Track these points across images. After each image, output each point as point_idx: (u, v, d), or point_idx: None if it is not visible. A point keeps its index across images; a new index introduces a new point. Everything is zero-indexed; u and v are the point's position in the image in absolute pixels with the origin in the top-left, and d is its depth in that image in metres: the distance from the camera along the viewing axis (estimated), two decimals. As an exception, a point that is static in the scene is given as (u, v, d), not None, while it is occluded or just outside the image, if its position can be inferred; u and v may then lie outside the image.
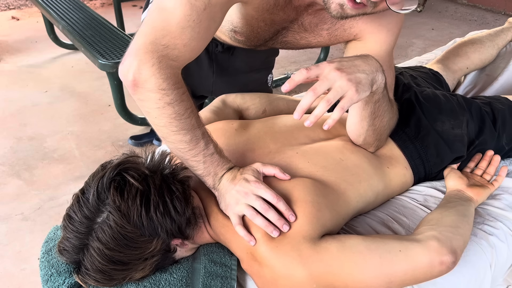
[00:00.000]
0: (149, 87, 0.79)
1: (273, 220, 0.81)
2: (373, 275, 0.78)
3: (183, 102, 0.82)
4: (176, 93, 0.81)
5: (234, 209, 0.85)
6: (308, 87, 0.81)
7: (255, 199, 0.83)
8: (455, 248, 0.81)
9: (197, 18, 0.79)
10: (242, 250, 0.85)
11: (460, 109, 1.16)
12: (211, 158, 0.86)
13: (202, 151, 0.85)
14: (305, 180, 0.89)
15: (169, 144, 0.86)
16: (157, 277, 0.86)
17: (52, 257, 0.93)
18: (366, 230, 0.98)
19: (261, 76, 1.48)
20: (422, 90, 1.20)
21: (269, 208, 0.82)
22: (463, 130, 1.13)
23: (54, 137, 2.52)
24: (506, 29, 1.66)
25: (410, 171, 1.09)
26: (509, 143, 1.19)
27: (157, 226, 0.81)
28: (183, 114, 0.82)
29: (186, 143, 0.84)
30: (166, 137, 0.84)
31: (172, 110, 0.81)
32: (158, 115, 0.82)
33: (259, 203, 0.83)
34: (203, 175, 0.88)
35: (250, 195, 0.84)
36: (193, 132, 0.84)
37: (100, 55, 2.20)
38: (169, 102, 0.80)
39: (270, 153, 0.98)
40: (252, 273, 0.85)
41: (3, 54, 3.55)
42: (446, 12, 4.56)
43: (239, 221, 0.84)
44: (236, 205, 0.84)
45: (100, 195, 0.80)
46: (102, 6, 4.69)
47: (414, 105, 1.14)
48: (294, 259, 0.78)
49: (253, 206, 0.83)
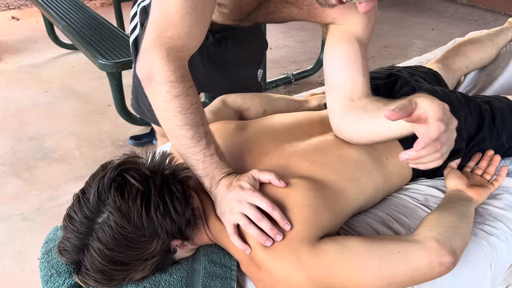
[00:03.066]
0: (159, 80, 0.83)
1: (266, 230, 0.80)
2: (373, 276, 0.78)
3: (189, 97, 0.84)
4: (183, 86, 0.84)
5: (229, 218, 0.84)
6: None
7: (248, 207, 0.82)
8: (455, 249, 0.81)
9: (192, 4, 0.83)
10: (240, 254, 0.85)
11: (458, 104, 1.15)
12: (211, 159, 0.87)
13: (202, 150, 0.86)
14: (303, 183, 0.88)
15: (173, 139, 0.88)
16: (157, 278, 0.86)
17: (52, 258, 0.93)
18: (366, 229, 0.98)
19: (251, 70, 1.49)
20: (421, 85, 1.20)
21: (262, 218, 0.81)
22: (461, 124, 1.12)
23: (54, 137, 2.52)
24: (506, 29, 1.66)
25: None
26: (509, 140, 1.19)
27: (157, 227, 0.81)
28: (188, 108, 0.84)
29: (188, 139, 0.85)
30: (171, 131, 0.86)
31: (178, 103, 0.83)
32: (165, 108, 0.84)
33: (253, 212, 0.81)
34: (201, 176, 0.88)
35: (243, 203, 0.82)
36: (196, 129, 0.85)
37: (100, 55, 2.20)
38: (176, 95, 0.83)
39: (269, 152, 0.98)
40: (251, 276, 0.85)
41: (3, 54, 3.55)
42: (446, 12, 4.56)
43: (234, 230, 0.83)
44: (230, 213, 0.84)
45: (100, 195, 0.80)
46: (102, 6, 4.69)
47: None
48: (293, 263, 0.78)
49: (247, 214, 0.82)
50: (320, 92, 1.49)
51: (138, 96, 1.48)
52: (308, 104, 1.27)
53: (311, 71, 3.25)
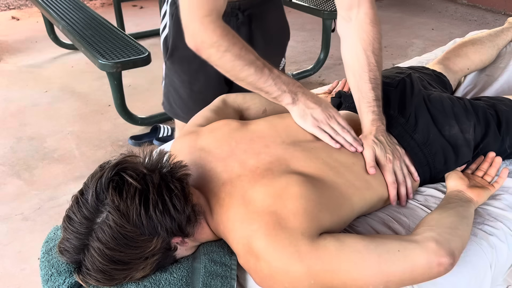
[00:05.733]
0: (205, 46, 1.00)
1: (350, 141, 1.01)
2: (371, 273, 0.78)
3: (236, 45, 0.99)
4: (227, 40, 0.99)
5: (321, 125, 1.02)
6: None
7: (337, 124, 1.03)
8: (453, 249, 0.82)
9: None
10: (239, 243, 0.85)
11: (467, 114, 1.15)
12: (280, 78, 1.02)
13: (269, 75, 1.01)
14: (315, 179, 0.90)
15: (242, 83, 1.04)
16: (157, 277, 0.86)
17: (52, 257, 0.93)
18: (366, 229, 0.98)
19: (276, 55, 1.52)
20: (430, 93, 1.19)
21: (348, 131, 1.03)
22: (471, 135, 1.12)
23: (54, 137, 2.52)
24: (506, 29, 1.66)
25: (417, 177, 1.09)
26: (511, 145, 1.19)
27: (156, 225, 0.81)
28: (239, 53, 0.99)
29: (253, 75, 1.00)
30: (237, 77, 1.03)
31: (230, 54, 0.99)
32: (222, 64, 1.01)
33: (340, 127, 1.02)
34: (279, 96, 1.03)
35: (333, 120, 1.03)
36: (254, 64, 1.00)
37: (100, 55, 2.20)
38: (224, 50, 0.99)
39: (283, 143, 1.00)
40: (249, 268, 0.84)
41: (3, 54, 3.55)
42: (446, 12, 4.56)
43: (320, 132, 1.02)
44: (322, 123, 1.02)
45: (99, 195, 0.80)
46: (102, 6, 4.69)
47: (423, 109, 1.13)
48: (292, 254, 0.78)
49: (335, 128, 1.02)
50: (321, 92, 1.49)
51: (170, 96, 1.50)
52: None
53: (311, 71, 3.25)
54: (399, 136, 1.10)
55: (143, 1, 4.67)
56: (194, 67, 1.39)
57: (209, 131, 1.04)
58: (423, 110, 1.13)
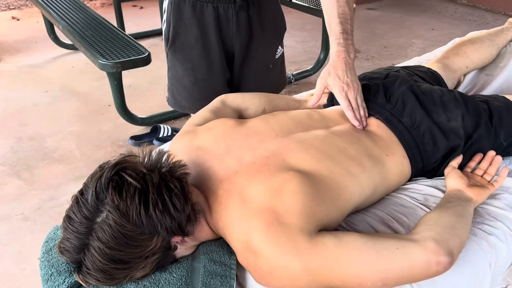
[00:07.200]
0: None
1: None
2: (370, 270, 0.78)
3: None
4: None
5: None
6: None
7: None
8: (452, 249, 0.82)
9: None
10: (238, 240, 0.85)
11: (456, 103, 1.16)
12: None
13: None
14: (310, 173, 0.90)
15: None
16: (156, 276, 0.86)
17: (52, 257, 0.93)
18: (366, 229, 0.98)
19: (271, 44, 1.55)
20: (419, 85, 1.21)
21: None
22: (458, 123, 1.13)
23: (54, 137, 2.52)
24: (506, 29, 1.66)
25: (407, 160, 1.10)
26: (507, 139, 1.19)
27: (156, 224, 0.81)
28: None
29: None
30: None
31: None
32: None
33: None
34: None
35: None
36: None
37: (100, 55, 2.20)
38: None
39: (277, 136, 1.00)
40: (248, 265, 0.85)
41: (3, 54, 3.55)
42: (446, 12, 4.56)
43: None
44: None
45: (98, 195, 0.80)
46: (102, 6, 4.69)
47: (410, 96, 1.16)
48: (291, 250, 0.78)
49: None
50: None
51: (174, 89, 1.51)
52: (308, 104, 1.28)
53: (311, 71, 3.25)
54: (387, 120, 1.14)
55: (143, 1, 4.68)
56: (196, 53, 1.41)
57: (206, 130, 1.05)
58: (411, 96, 1.15)
